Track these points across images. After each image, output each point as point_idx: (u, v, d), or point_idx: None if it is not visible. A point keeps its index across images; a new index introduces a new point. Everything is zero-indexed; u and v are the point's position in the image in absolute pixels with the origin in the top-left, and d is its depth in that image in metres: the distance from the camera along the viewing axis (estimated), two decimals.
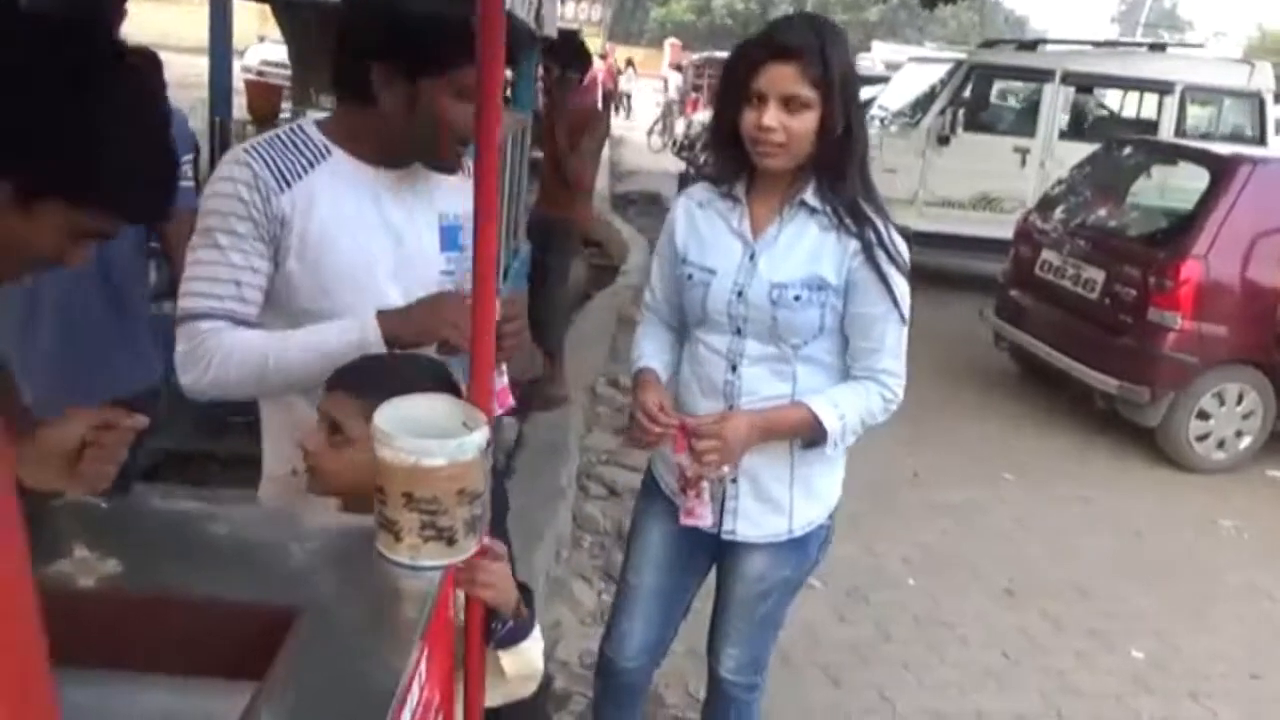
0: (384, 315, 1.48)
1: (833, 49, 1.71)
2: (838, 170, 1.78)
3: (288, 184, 1.48)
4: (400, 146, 1.55)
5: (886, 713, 2.91)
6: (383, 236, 1.57)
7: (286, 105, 4.41)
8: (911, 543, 3.98)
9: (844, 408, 1.83)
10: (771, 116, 1.69)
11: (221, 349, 1.46)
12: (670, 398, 1.90)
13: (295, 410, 1.57)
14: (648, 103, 21.21)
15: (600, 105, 20.60)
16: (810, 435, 1.84)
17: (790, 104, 1.69)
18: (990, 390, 6.06)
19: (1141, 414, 5.05)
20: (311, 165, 1.51)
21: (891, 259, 1.80)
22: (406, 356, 1.44)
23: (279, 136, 1.54)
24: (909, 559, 3.86)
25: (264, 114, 4.04)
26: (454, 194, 1.65)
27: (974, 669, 3.17)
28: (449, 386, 1.33)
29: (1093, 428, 5.42)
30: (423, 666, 1.07)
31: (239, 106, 4.62)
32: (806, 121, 1.71)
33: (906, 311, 1.85)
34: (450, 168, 1.59)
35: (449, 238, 1.64)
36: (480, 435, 1.11)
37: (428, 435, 1.10)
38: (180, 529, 1.21)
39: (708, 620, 2.18)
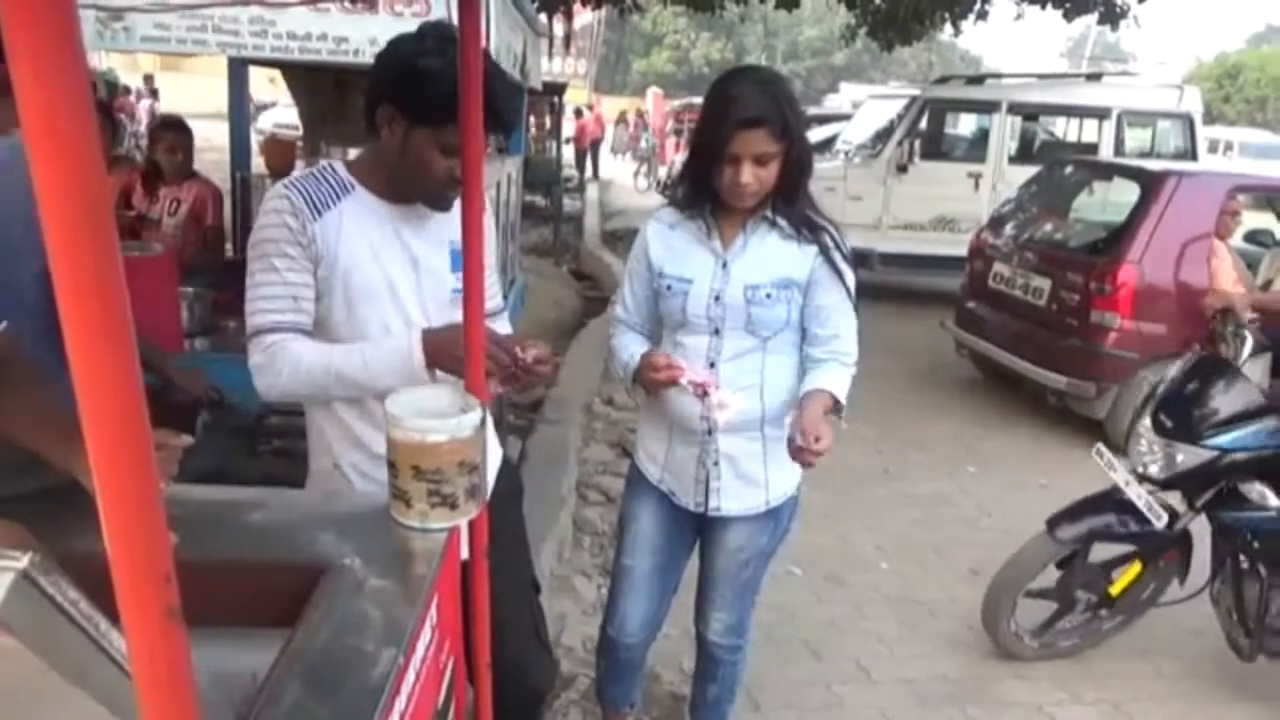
0: (426, 337, 1.57)
1: (787, 105, 1.84)
2: (792, 191, 1.93)
3: (319, 213, 1.61)
4: (397, 181, 1.67)
5: (863, 680, 3.00)
6: (403, 261, 1.68)
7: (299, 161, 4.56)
8: (884, 532, 4.08)
9: (838, 383, 1.97)
10: (748, 174, 1.84)
11: (291, 359, 1.58)
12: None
13: (339, 413, 1.70)
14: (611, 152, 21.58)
15: (591, 151, 20.70)
16: (830, 411, 1.96)
17: (760, 159, 1.84)
18: (953, 393, 6.19)
19: (1090, 407, 5.17)
20: (338, 198, 1.64)
21: (844, 258, 1.98)
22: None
23: (312, 174, 1.67)
24: (881, 546, 3.95)
25: (279, 168, 4.17)
26: (458, 223, 1.77)
27: (942, 640, 3.26)
28: None
29: (1046, 422, 5.53)
30: (433, 612, 1.18)
31: (256, 164, 4.79)
32: (774, 169, 1.86)
33: (854, 301, 2.01)
34: (437, 206, 1.69)
35: (458, 260, 1.75)
36: (476, 415, 1.23)
37: (431, 417, 1.22)
38: (224, 509, 1.32)
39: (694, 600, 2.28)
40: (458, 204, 1.78)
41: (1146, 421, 2.95)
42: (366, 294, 1.64)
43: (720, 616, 2.22)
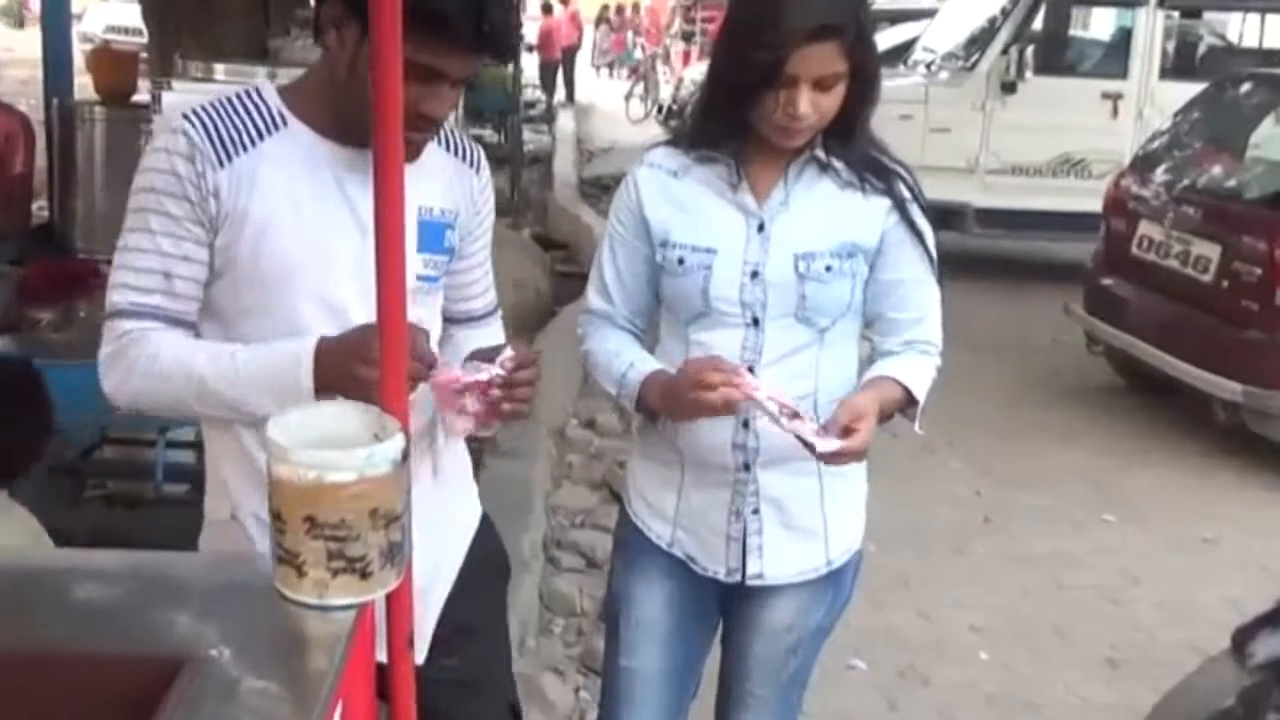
0: (322, 347, 1.57)
1: (863, 8, 1.89)
2: (854, 124, 1.95)
3: (229, 156, 1.61)
4: (346, 113, 1.64)
5: None
6: (345, 225, 1.66)
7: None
8: (984, 607, 4.11)
9: (914, 374, 1.99)
10: (806, 103, 1.83)
11: (145, 356, 1.60)
12: None
13: (242, 442, 1.69)
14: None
15: (564, 65, 20.75)
16: (898, 409, 2.00)
17: (822, 83, 1.84)
18: (1082, 407, 6.22)
19: (1274, 426, 5.20)
20: (259, 135, 1.64)
21: (923, 211, 2.01)
22: None
23: (228, 99, 1.67)
24: (980, 627, 3.98)
25: (116, 91, 4.18)
26: (438, 183, 1.78)
27: None
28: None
29: (1214, 448, 5.57)
30: None
31: (82, 86, 4.80)
32: (838, 94, 1.87)
33: (937, 271, 2.04)
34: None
35: (430, 235, 1.75)
36: (394, 445, 1.24)
37: (332, 447, 1.23)
38: (42, 579, 1.34)
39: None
40: (435, 158, 1.78)
41: None
42: (284, 272, 1.64)
43: None
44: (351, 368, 1.50)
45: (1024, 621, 4.03)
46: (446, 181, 1.81)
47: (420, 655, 1.75)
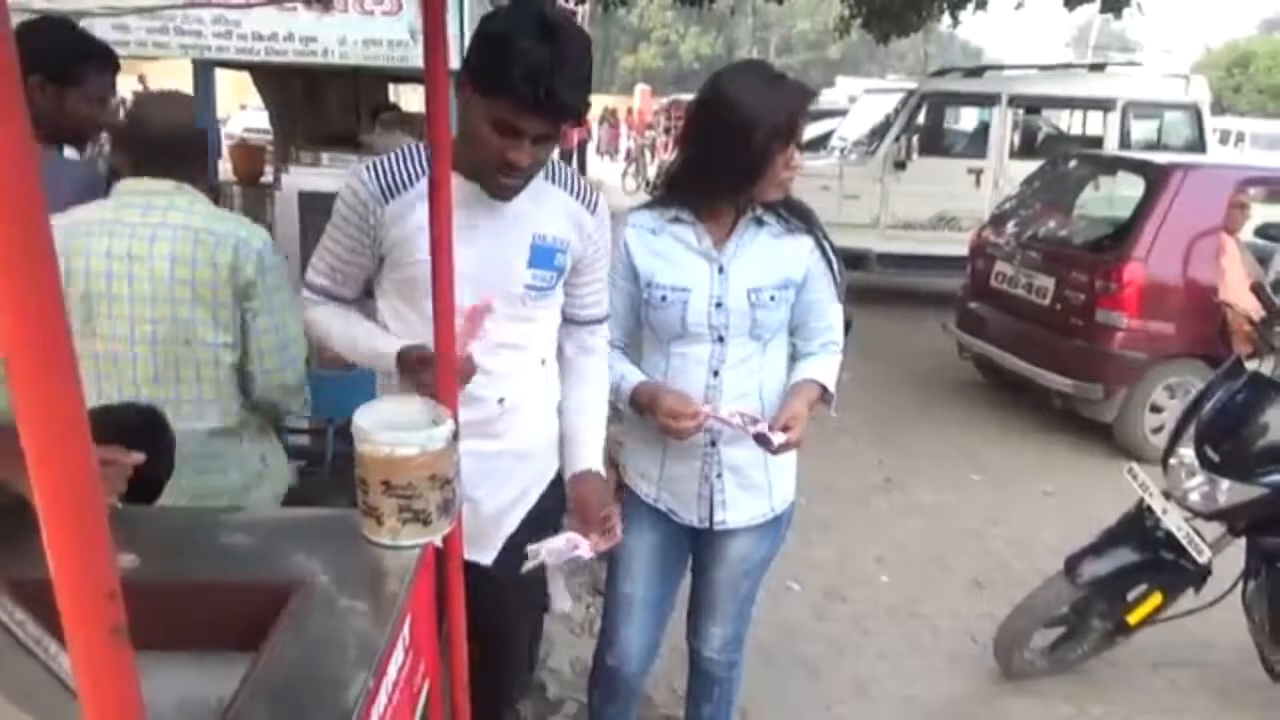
0: (397, 354, 1.64)
1: None
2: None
3: (392, 195, 1.67)
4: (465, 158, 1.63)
5: (863, 699, 3.01)
6: (462, 242, 1.61)
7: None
8: (885, 544, 4.10)
9: (827, 371, 2.05)
10: (798, 155, 1.88)
11: (310, 316, 1.81)
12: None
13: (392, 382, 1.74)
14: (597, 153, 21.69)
15: (577, 152, 20.59)
16: (819, 400, 2.04)
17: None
18: (956, 398, 6.22)
19: (1097, 410, 5.20)
20: (416, 178, 1.67)
21: (832, 249, 2.04)
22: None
23: (399, 151, 1.72)
24: (883, 558, 3.97)
25: (248, 175, 4.17)
26: (555, 217, 1.77)
27: (945, 656, 3.28)
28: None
29: (1053, 426, 5.57)
30: (406, 631, 1.19)
31: (224, 170, 4.78)
32: None
33: (840, 289, 2.08)
34: (494, 193, 1.66)
35: (541, 255, 1.74)
36: (446, 428, 1.24)
37: (400, 430, 1.22)
38: (189, 528, 1.33)
39: (684, 620, 2.29)
40: (556, 197, 1.77)
41: (1189, 451, 2.80)
42: (421, 274, 1.60)
43: (719, 631, 2.24)
44: (400, 372, 1.62)
45: (913, 554, 4.02)
46: (562, 217, 1.78)
47: (490, 558, 1.86)
